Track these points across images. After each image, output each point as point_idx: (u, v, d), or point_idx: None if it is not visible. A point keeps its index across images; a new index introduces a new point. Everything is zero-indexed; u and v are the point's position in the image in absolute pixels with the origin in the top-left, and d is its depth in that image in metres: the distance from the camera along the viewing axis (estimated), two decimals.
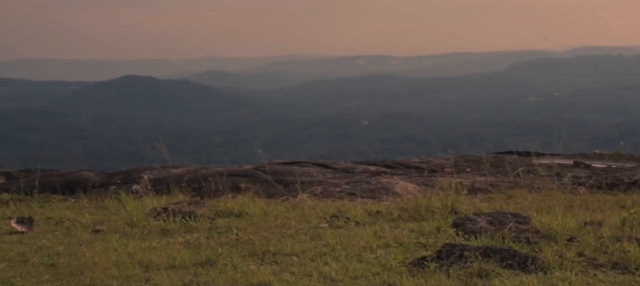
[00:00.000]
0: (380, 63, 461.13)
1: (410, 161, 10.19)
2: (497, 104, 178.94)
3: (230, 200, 7.71)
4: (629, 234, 5.71)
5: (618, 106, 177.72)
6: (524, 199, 7.69)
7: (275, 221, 6.92)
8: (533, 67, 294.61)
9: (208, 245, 6.18)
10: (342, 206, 7.42)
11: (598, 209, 7.07)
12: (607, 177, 8.89)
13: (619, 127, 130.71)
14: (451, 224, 6.37)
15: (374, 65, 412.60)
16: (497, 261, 5.20)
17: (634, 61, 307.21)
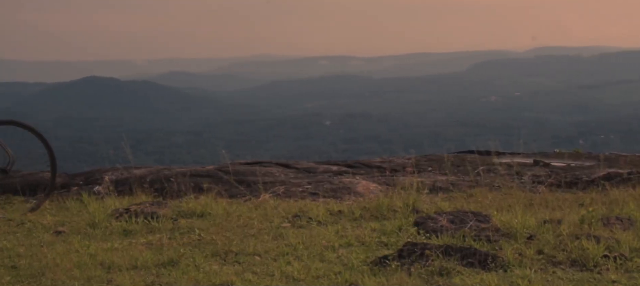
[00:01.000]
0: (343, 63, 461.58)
1: (372, 161, 10.22)
2: (459, 104, 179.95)
3: (193, 200, 7.69)
4: (588, 232, 5.78)
5: (577, 105, 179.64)
6: (485, 198, 7.76)
7: (238, 221, 6.91)
8: (494, 67, 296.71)
9: (170, 245, 6.17)
10: (304, 206, 7.44)
11: (557, 208, 7.15)
12: (566, 175, 8.98)
13: (578, 126, 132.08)
14: (412, 223, 6.40)
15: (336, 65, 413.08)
16: (458, 259, 5.25)
17: (592, 61, 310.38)
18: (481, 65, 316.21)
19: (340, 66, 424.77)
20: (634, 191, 7.93)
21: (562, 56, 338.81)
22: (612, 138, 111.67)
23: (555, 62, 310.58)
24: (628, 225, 6.06)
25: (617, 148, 40.94)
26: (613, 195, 7.61)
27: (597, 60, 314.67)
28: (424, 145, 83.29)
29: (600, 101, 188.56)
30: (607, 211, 6.61)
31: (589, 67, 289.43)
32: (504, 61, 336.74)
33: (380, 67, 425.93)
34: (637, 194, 7.68)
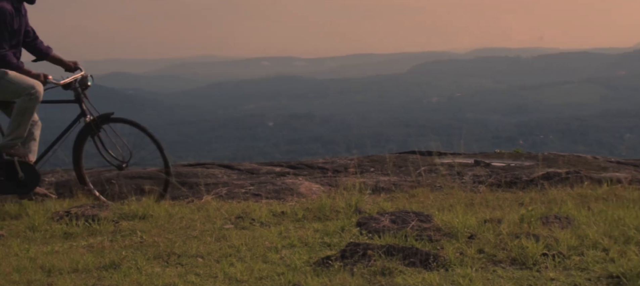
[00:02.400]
0: (285, 64, 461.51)
1: (314, 162, 10.24)
2: (401, 104, 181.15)
3: (135, 202, 7.64)
4: (527, 231, 5.85)
5: (517, 106, 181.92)
6: (426, 198, 7.81)
7: (180, 223, 6.87)
8: (435, 68, 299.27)
9: (112, 248, 6.11)
10: (247, 207, 7.42)
11: (497, 207, 7.23)
12: (506, 175, 9.09)
13: (518, 126, 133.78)
14: (355, 224, 6.43)
15: (278, 66, 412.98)
16: (400, 259, 5.28)
17: (532, 62, 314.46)
18: (423, 66, 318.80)
19: (283, 66, 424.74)
20: (572, 190, 8.06)
21: (502, 57, 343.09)
22: (551, 138, 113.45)
23: (495, 63, 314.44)
24: (566, 224, 6.15)
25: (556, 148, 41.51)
26: (552, 194, 7.72)
27: (537, 61, 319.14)
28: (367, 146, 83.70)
29: (540, 102, 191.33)
30: (546, 210, 6.70)
31: (529, 68, 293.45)
32: (445, 62, 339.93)
33: (323, 68, 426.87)
34: (575, 194, 7.81)
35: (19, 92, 7.92)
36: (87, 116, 8.30)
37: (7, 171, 8.04)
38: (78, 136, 8.33)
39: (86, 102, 8.33)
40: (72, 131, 8.34)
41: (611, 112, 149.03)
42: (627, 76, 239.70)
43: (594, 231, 5.78)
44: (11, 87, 7.91)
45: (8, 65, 7.88)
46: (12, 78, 7.91)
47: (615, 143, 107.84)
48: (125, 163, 8.37)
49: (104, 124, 8.31)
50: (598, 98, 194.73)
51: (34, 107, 7.97)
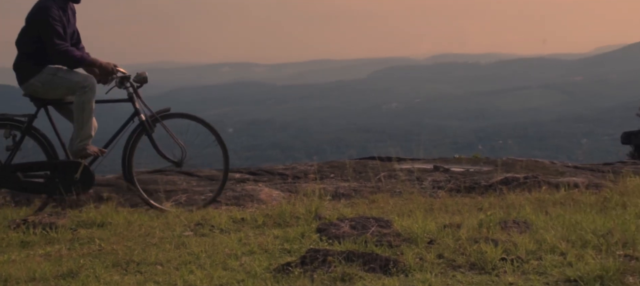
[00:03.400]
0: (245, 70, 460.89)
1: (274, 168, 10.23)
2: (361, 110, 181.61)
3: (93, 210, 7.57)
4: (486, 236, 5.88)
5: (476, 111, 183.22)
6: (386, 203, 7.83)
7: (139, 231, 6.83)
8: (394, 74, 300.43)
9: (70, 256, 6.05)
10: (207, 214, 7.39)
11: (457, 212, 7.27)
12: (465, 180, 9.15)
13: (477, 132, 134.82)
14: (315, 230, 6.42)
15: (238, 72, 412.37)
16: (360, 265, 5.29)
17: (490, 68, 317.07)
18: (382, 72, 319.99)
19: (242, 72, 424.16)
20: (530, 195, 8.13)
21: (460, 63, 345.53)
22: (510, 143, 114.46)
23: (454, 69, 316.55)
24: (524, 228, 6.20)
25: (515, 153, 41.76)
26: (510, 199, 7.77)
27: (495, 67, 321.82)
28: (326, 152, 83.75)
29: (498, 107, 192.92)
30: (504, 215, 6.75)
31: (487, 74, 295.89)
32: (405, 68, 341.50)
33: (282, 74, 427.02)
34: (533, 198, 7.87)
35: (72, 88, 7.86)
36: (142, 115, 8.21)
37: (66, 170, 7.94)
38: (131, 135, 8.23)
39: (139, 100, 8.21)
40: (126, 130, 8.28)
41: (569, 117, 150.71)
42: (583, 81, 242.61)
43: (551, 236, 5.83)
44: (65, 83, 7.86)
45: (72, 58, 7.84)
46: (64, 74, 7.87)
47: (573, 148, 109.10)
48: (182, 159, 8.26)
49: (160, 121, 8.23)
50: (556, 103, 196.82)
51: (92, 100, 7.89)
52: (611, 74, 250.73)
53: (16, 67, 7.96)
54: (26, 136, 7.99)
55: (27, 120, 7.97)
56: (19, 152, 7.95)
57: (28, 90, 7.96)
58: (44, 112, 8.08)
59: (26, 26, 7.90)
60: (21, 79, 7.95)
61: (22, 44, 7.92)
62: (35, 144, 8.02)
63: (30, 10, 7.92)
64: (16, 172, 7.91)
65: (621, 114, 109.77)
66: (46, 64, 7.87)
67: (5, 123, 7.95)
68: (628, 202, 7.29)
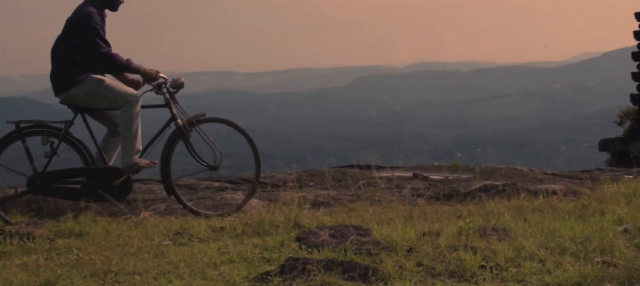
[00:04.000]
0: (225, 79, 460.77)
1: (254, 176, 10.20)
2: (340, 118, 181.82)
3: (71, 220, 7.52)
4: (465, 243, 5.89)
5: (456, 119, 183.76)
6: (366, 211, 7.83)
7: (118, 240, 6.78)
8: (374, 82, 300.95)
9: (47, 266, 6.00)
10: (186, 223, 7.36)
11: (436, 220, 7.28)
12: (444, 188, 9.17)
13: (457, 139, 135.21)
14: (294, 239, 6.41)
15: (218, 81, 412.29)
16: (339, 273, 5.28)
17: (469, 75, 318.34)
18: (362, 80, 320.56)
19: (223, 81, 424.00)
20: (509, 202, 8.16)
21: (440, 71, 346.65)
22: (489, 151, 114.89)
23: (433, 77, 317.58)
24: (503, 236, 6.21)
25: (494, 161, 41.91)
26: (489, 207, 7.80)
27: (474, 75, 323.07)
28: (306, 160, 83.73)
29: (478, 115, 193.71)
30: (483, 223, 6.77)
31: (467, 81, 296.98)
32: (384, 76, 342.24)
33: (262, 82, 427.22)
34: (512, 206, 7.90)
35: (116, 101, 7.89)
36: (178, 120, 8.23)
37: (103, 177, 7.96)
38: (168, 141, 8.26)
39: (176, 105, 8.25)
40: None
41: (548, 125, 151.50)
42: (562, 89, 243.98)
43: (530, 243, 5.84)
44: (109, 95, 7.88)
45: (116, 63, 7.88)
46: (108, 86, 7.89)
47: (552, 155, 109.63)
48: (218, 163, 8.36)
49: (196, 126, 8.28)
50: (534, 111, 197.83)
51: (138, 113, 7.92)
52: (590, 82, 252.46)
53: (55, 76, 7.98)
54: (63, 143, 8.01)
55: (64, 127, 8.00)
56: (56, 158, 7.97)
57: (68, 98, 7.99)
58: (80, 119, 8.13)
59: (66, 33, 7.92)
60: (61, 88, 7.95)
61: (61, 52, 7.93)
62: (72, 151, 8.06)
63: (71, 17, 7.94)
64: (53, 179, 7.94)
65: (600, 121, 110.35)
66: (88, 73, 7.88)
67: (43, 130, 7.96)
68: (606, 209, 7.33)
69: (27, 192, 8.00)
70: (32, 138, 7.95)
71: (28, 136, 7.91)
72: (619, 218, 6.83)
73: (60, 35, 7.95)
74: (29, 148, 7.90)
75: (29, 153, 7.89)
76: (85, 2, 7.99)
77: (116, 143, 8.19)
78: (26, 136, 7.89)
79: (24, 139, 7.89)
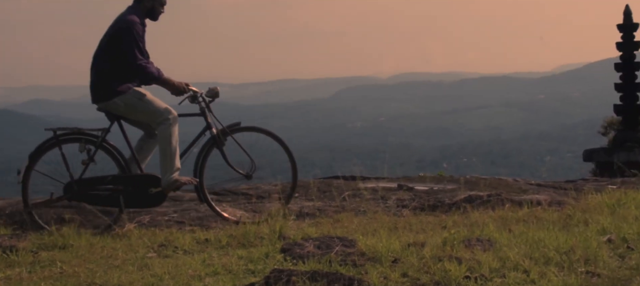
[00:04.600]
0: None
1: (238, 188, 10.20)
2: (325, 129, 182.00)
3: (54, 232, 7.49)
4: (450, 254, 5.90)
5: (440, 130, 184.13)
6: (351, 222, 7.83)
7: (102, 253, 6.76)
8: (358, 93, 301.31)
9: (30, 279, 5.97)
10: (170, 235, 7.34)
11: (421, 231, 7.28)
12: (429, 199, 9.18)
13: (442, 150, 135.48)
14: (279, 250, 6.40)
15: None
16: (325, 284, 5.27)
17: (453, 86, 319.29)
18: (346, 91, 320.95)
19: None
20: (493, 212, 8.17)
21: (423, 81, 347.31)
22: (474, 161, 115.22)
23: (417, 87, 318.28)
24: (488, 246, 6.22)
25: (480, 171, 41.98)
26: (474, 217, 7.81)
27: (458, 85, 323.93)
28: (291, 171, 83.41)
29: (462, 125, 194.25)
30: (468, 233, 6.77)
31: (451, 92, 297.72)
32: (369, 87, 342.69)
33: (246, 93, 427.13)
34: (497, 216, 7.91)
35: (154, 118, 7.98)
36: (213, 128, 8.31)
37: (138, 184, 8.03)
38: (202, 149, 8.35)
39: (211, 114, 8.32)
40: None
41: (532, 135, 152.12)
42: (546, 99, 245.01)
43: (515, 253, 5.85)
44: (148, 109, 7.97)
45: (149, 75, 8.00)
46: (149, 101, 7.97)
47: (537, 165, 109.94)
48: (252, 171, 8.46)
49: (230, 134, 8.36)
50: (519, 121, 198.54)
51: (176, 132, 8.01)
52: (574, 92, 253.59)
53: (96, 85, 8.04)
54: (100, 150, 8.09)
55: (101, 134, 8.07)
56: (93, 165, 8.06)
57: (107, 107, 8.06)
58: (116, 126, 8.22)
59: (108, 40, 7.99)
60: (102, 98, 8.02)
61: (102, 60, 8.00)
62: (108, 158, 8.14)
63: (113, 25, 8.02)
64: (89, 186, 8.02)
65: (584, 131, 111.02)
66: (128, 83, 7.96)
67: (80, 137, 8.03)
68: (590, 219, 7.35)
69: (63, 198, 8.09)
70: (68, 145, 8.06)
71: (65, 143, 8.02)
72: (603, 228, 6.85)
73: (102, 43, 8.06)
74: (66, 155, 8.00)
75: (66, 159, 7.99)
76: (128, 10, 8.10)
77: (152, 145, 8.29)
78: (63, 143, 8.00)
79: (61, 147, 7.98)
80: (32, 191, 8.06)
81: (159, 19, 8.24)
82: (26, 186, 7.95)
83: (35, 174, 8.02)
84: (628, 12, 24.24)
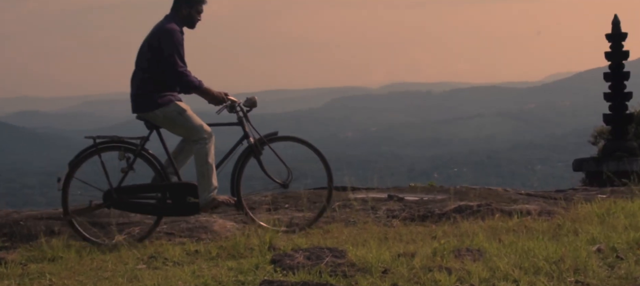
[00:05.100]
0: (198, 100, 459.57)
1: None
2: (316, 139, 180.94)
3: (44, 244, 7.47)
4: (440, 264, 5.90)
5: (431, 139, 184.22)
6: (341, 233, 7.84)
7: (91, 264, 6.75)
8: (350, 103, 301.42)
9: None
10: (160, 247, 7.33)
11: (411, 241, 7.28)
12: (419, 209, 9.19)
13: (433, 160, 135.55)
14: (269, 261, 6.39)
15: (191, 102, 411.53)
16: None
17: (444, 96, 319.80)
18: (338, 101, 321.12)
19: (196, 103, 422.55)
20: (483, 222, 8.18)
21: (414, 91, 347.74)
22: (465, 171, 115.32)
23: (408, 97, 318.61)
24: (478, 256, 6.23)
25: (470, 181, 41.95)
26: (464, 227, 7.82)
27: (448, 95, 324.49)
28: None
29: (453, 135, 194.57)
30: (458, 243, 6.78)
31: (441, 102, 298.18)
32: (360, 97, 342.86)
33: None
34: (487, 226, 7.92)
35: (191, 134, 8.06)
36: (251, 137, 8.39)
37: (177, 192, 8.10)
38: (240, 158, 8.42)
39: (248, 124, 8.41)
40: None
41: (523, 144, 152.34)
42: (537, 108, 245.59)
43: (504, 263, 5.86)
44: (185, 125, 8.06)
45: (189, 83, 8.06)
46: (188, 117, 8.05)
47: (527, 175, 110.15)
48: (288, 181, 8.52)
49: (267, 144, 8.45)
50: (509, 131, 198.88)
51: (212, 149, 8.08)
52: (564, 102, 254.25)
53: (138, 96, 8.11)
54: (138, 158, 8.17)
55: (140, 143, 8.15)
56: (132, 173, 8.14)
57: (147, 117, 8.12)
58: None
59: (148, 49, 8.04)
60: (143, 109, 8.10)
61: (143, 71, 8.07)
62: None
63: (153, 34, 8.08)
64: (129, 193, 8.09)
65: (575, 140, 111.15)
66: (168, 94, 8.03)
67: (119, 146, 8.10)
68: (579, 229, 7.37)
69: (103, 206, 8.14)
70: (107, 154, 8.14)
71: (104, 151, 8.09)
72: (593, 238, 6.87)
73: (142, 52, 8.11)
74: (105, 163, 8.08)
75: (105, 168, 8.06)
76: (167, 19, 8.14)
77: (190, 150, 8.31)
78: (102, 152, 8.07)
79: (100, 155, 8.05)
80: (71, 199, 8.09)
81: (196, 26, 8.28)
82: (66, 194, 7.98)
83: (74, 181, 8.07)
84: (616, 21, 24.33)
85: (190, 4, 8.15)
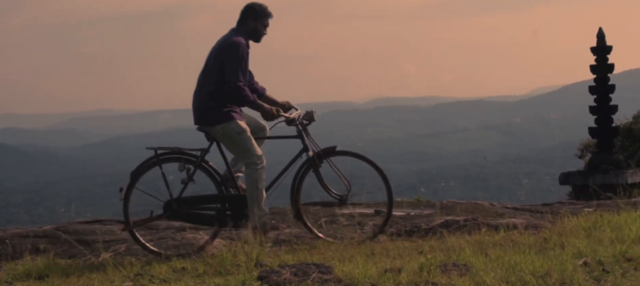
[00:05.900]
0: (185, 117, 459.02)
1: None
2: None
3: (30, 262, 7.43)
4: (426, 279, 5.90)
5: (418, 154, 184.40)
6: (327, 249, 7.83)
7: (77, 282, 6.72)
8: (336, 118, 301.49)
9: None
10: (147, 264, 7.31)
11: (397, 256, 7.28)
12: (405, 224, 9.19)
13: (420, 174, 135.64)
14: (256, 278, 6.38)
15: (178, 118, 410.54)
16: None
17: (430, 110, 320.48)
18: (324, 116, 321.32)
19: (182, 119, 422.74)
20: (470, 237, 8.19)
21: (401, 106, 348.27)
22: (453, 185, 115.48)
23: (394, 112, 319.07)
24: (464, 271, 6.23)
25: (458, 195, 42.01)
26: (450, 242, 7.82)
27: (434, 109, 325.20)
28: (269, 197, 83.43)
29: (440, 149, 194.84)
30: (445, 258, 6.77)
31: (427, 116, 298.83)
32: (347, 112, 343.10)
33: None
34: (473, 241, 7.93)
35: (245, 156, 8.12)
36: (310, 151, 8.46)
37: (236, 204, 8.21)
38: (299, 171, 8.50)
39: (308, 137, 8.48)
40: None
41: (509, 158, 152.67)
42: (523, 122, 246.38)
43: (491, 278, 5.86)
44: (242, 146, 8.12)
45: (244, 99, 8.09)
46: (246, 138, 8.11)
47: (514, 188, 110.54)
48: (347, 195, 8.62)
49: (326, 158, 8.52)
50: (496, 145, 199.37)
51: (263, 177, 8.14)
52: (550, 115, 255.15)
53: (202, 109, 8.18)
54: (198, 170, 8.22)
55: (200, 154, 8.21)
56: (192, 184, 8.20)
57: (207, 130, 8.21)
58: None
59: (214, 59, 8.09)
60: (205, 123, 8.18)
61: (207, 84, 8.13)
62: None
63: (218, 46, 8.13)
64: (188, 204, 8.16)
65: (561, 153, 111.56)
66: (230, 110, 8.08)
67: (180, 157, 8.16)
68: (566, 242, 7.38)
69: (163, 217, 8.24)
70: (168, 165, 8.21)
71: (165, 162, 8.15)
72: (579, 251, 6.88)
73: (208, 65, 8.17)
74: (166, 175, 8.13)
75: (166, 178, 8.12)
76: (232, 32, 8.20)
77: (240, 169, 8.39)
78: (163, 163, 8.13)
79: (161, 166, 8.11)
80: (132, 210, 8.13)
81: (261, 40, 8.33)
82: (127, 204, 8.03)
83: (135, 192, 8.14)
84: (601, 34, 24.40)
85: (257, 18, 8.21)
